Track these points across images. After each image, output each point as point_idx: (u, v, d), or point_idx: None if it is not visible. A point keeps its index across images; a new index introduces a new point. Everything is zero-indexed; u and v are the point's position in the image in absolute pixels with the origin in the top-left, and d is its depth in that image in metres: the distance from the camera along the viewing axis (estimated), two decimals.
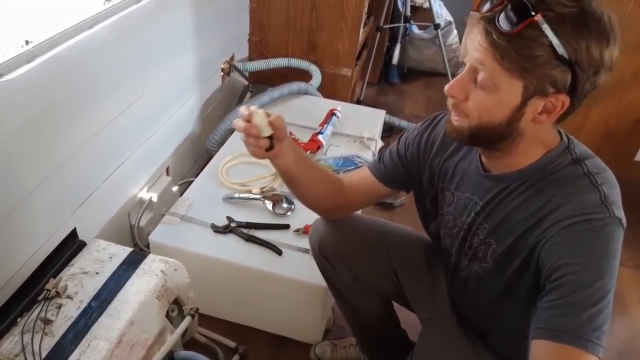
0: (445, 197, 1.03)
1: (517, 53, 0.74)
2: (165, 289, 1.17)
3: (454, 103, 0.84)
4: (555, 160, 0.85)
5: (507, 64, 0.75)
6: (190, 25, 1.82)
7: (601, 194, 0.80)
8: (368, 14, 2.63)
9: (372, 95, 3.01)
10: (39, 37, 1.13)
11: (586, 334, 0.73)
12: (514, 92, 0.77)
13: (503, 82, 0.77)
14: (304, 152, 1.09)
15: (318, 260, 1.24)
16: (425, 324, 1.14)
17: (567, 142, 0.87)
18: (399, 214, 2.09)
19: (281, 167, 1.02)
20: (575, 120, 2.33)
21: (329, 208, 1.17)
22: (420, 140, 1.07)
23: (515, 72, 0.75)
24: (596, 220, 0.78)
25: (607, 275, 0.76)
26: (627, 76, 2.20)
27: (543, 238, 0.82)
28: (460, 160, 1.00)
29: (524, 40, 0.72)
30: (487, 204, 0.92)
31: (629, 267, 1.93)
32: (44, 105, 1.15)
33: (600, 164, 0.86)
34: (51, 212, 1.25)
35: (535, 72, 0.75)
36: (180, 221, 1.52)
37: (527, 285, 0.87)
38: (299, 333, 1.54)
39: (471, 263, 0.98)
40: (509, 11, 0.73)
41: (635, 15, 2.06)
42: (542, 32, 0.72)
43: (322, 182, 1.12)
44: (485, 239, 0.93)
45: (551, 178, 0.85)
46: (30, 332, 1.03)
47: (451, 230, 1.02)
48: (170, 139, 1.85)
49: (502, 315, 0.98)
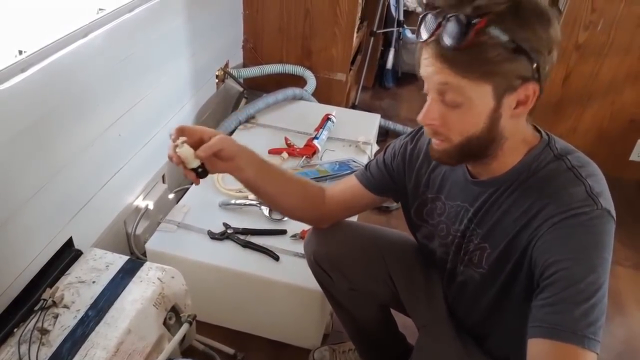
0: (437, 207, 1.03)
1: (475, 60, 0.75)
2: (162, 296, 1.16)
3: (433, 130, 0.84)
4: (538, 157, 0.86)
5: (470, 74, 0.76)
6: (185, 33, 1.82)
7: (587, 187, 0.80)
8: (361, 19, 2.64)
9: (367, 100, 3.02)
10: (32, 46, 1.13)
11: (581, 330, 0.73)
12: (486, 97, 0.78)
13: (473, 92, 0.77)
14: (274, 166, 1.08)
15: (314, 270, 1.23)
16: (421, 331, 1.14)
17: (547, 139, 0.88)
18: (395, 217, 2.09)
19: (242, 181, 1.03)
20: (569, 122, 2.36)
21: (310, 218, 1.18)
22: (405, 152, 1.07)
23: (480, 78, 0.76)
24: (584, 214, 0.78)
25: (599, 268, 0.76)
26: (620, 77, 2.21)
27: (534, 237, 0.82)
28: (448, 170, 1.00)
29: (477, 47, 0.73)
30: (478, 209, 0.93)
31: (627, 267, 1.93)
32: (39, 114, 1.15)
33: (582, 157, 0.86)
34: (47, 222, 1.25)
35: (498, 71, 0.76)
36: (177, 228, 1.52)
37: (523, 286, 0.87)
38: (298, 338, 1.53)
39: (467, 269, 0.98)
40: (452, 28, 0.73)
41: (626, 17, 2.08)
42: (489, 34, 0.73)
43: (294, 194, 1.11)
44: (480, 244, 0.93)
45: (536, 176, 0.85)
46: (27, 342, 1.02)
47: (445, 239, 1.02)
48: (166, 146, 1.80)
49: (500, 318, 0.98)
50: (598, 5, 2.08)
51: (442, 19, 0.75)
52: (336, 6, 2.26)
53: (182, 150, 0.90)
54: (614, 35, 2.13)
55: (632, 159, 2.39)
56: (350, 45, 2.36)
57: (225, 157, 0.96)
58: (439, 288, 1.13)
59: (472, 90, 0.77)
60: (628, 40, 2.12)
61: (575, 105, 2.33)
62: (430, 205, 1.04)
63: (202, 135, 0.95)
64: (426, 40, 0.78)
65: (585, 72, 2.23)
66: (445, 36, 0.74)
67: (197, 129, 0.96)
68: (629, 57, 2.15)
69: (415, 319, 1.17)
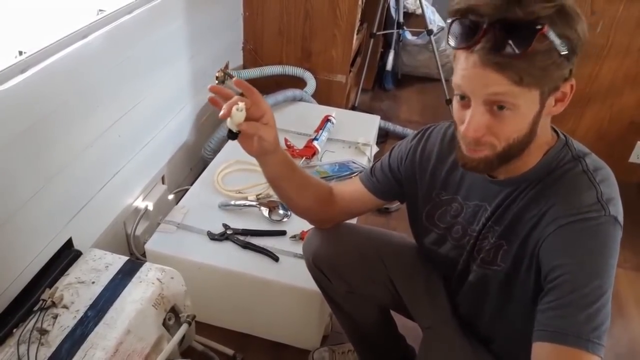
0: (452, 209, 1.01)
1: (533, 68, 0.72)
2: (161, 297, 1.16)
3: (477, 141, 0.80)
4: (557, 156, 0.86)
5: (526, 81, 0.73)
6: (184, 35, 1.82)
7: (598, 192, 0.80)
8: (361, 21, 2.64)
9: (366, 101, 3.02)
10: (32, 47, 1.14)
11: (586, 334, 0.73)
12: (534, 102, 0.77)
13: (522, 99, 0.75)
14: (298, 169, 1.09)
15: (313, 273, 1.23)
16: (426, 332, 1.13)
17: (565, 139, 0.88)
18: (395, 218, 2.09)
19: (264, 174, 1.04)
20: (568, 123, 2.36)
21: (318, 218, 1.18)
22: (415, 155, 1.05)
23: (533, 85, 0.74)
24: (592, 219, 0.78)
25: (604, 274, 0.76)
26: (619, 79, 2.21)
27: (541, 237, 0.82)
28: (465, 171, 0.98)
29: (537, 54, 0.71)
30: (496, 207, 0.92)
31: (626, 269, 1.93)
32: (38, 115, 1.16)
33: (598, 161, 0.86)
34: (47, 222, 1.25)
35: (550, 75, 0.75)
36: (176, 229, 1.52)
37: (531, 286, 0.87)
38: (297, 339, 1.53)
39: (480, 268, 0.96)
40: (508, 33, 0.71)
41: (626, 19, 2.08)
42: (549, 40, 0.71)
43: (310, 197, 1.11)
44: (497, 242, 0.92)
45: (553, 175, 0.85)
46: (27, 342, 1.02)
47: (460, 240, 1.01)
48: (165, 147, 1.85)
49: (507, 320, 0.98)
50: (597, 7, 2.09)
51: (487, 23, 0.71)
52: (336, 8, 2.26)
53: (236, 113, 0.87)
54: (613, 38, 2.13)
55: (631, 160, 2.39)
56: (350, 46, 2.37)
57: (261, 147, 0.95)
58: (441, 288, 1.12)
59: (522, 97, 0.75)
60: (627, 43, 2.12)
61: (575, 107, 2.33)
62: (445, 208, 1.02)
63: (263, 112, 0.92)
64: (470, 47, 0.74)
65: (584, 74, 2.23)
66: (501, 42, 0.71)
67: (263, 106, 0.92)
68: (628, 59, 2.16)
69: (419, 321, 1.16)
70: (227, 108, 0.87)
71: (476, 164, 0.84)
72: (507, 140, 0.79)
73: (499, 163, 0.83)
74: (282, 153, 1.01)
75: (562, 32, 0.72)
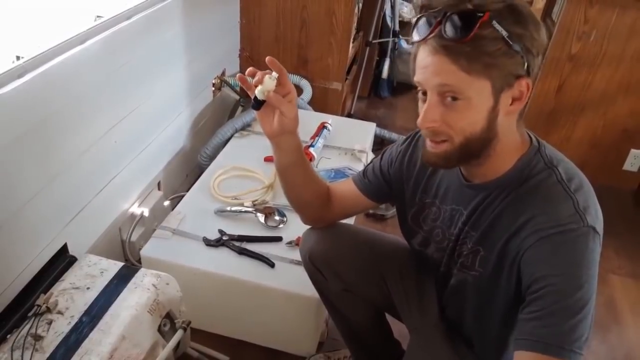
0: (432, 212, 1.04)
1: (478, 52, 0.76)
2: (157, 303, 1.16)
3: (433, 131, 0.84)
4: (529, 164, 0.87)
5: (473, 66, 0.77)
6: (182, 41, 1.83)
7: (574, 202, 0.82)
8: (357, 29, 2.66)
9: (362, 109, 3.03)
10: (30, 52, 1.14)
11: (568, 345, 0.75)
12: (485, 94, 0.79)
13: (473, 89, 0.78)
14: (307, 163, 1.13)
15: (309, 270, 1.24)
16: (413, 334, 1.15)
17: (537, 145, 0.90)
18: (390, 225, 2.09)
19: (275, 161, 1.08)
20: (562, 131, 2.38)
21: (314, 215, 1.20)
22: (403, 159, 1.08)
23: (481, 72, 0.77)
24: (571, 231, 0.80)
25: (586, 285, 0.78)
26: (613, 87, 2.23)
27: (522, 248, 0.83)
28: (444, 174, 1.01)
29: (480, 39, 0.76)
30: (472, 212, 0.94)
31: (622, 275, 1.93)
32: (35, 120, 1.16)
33: (571, 168, 0.88)
34: (42, 228, 1.25)
35: (498, 65, 0.78)
36: (172, 235, 1.51)
37: (511, 295, 0.88)
38: (293, 346, 1.53)
39: (460, 272, 0.99)
40: (457, 21, 0.76)
41: (618, 27, 2.10)
42: (493, 27, 0.75)
43: (313, 192, 1.14)
44: (474, 247, 0.94)
45: (527, 185, 0.86)
46: (21, 348, 1.02)
47: (441, 243, 1.03)
48: (162, 153, 1.85)
49: (486, 324, 0.99)
50: (591, 16, 2.11)
51: (441, 16, 0.77)
52: (332, 16, 2.27)
53: (268, 80, 0.93)
54: (606, 46, 2.15)
55: (625, 168, 2.40)
56: (346, 55, 2.38)
57: (281, 124, 0.99)
58: (432, 292, 1.13)
59: (472, 87, 0.78)
60: (620, 51, 2.14)
61: (569, 115, 2.35)
62: (427, 211, 1.05)
63: (288, 91, 0.98)
64: (425, 38, 0.79)
65: (578, 83, 2.25)
66: (449, 29, 0.76)
67: (288, 86, 0.97)
68: (621, 67, 2.18)
69: (406, 321, 1.18)
70: (261, 75, 0.93)
71: (436, 159, 0.87)
72: (462, 132, 0.82)
73: (458, 159, 0.86)
74: (298, 138, 1.04)
75: (510, 28, 0.76)
